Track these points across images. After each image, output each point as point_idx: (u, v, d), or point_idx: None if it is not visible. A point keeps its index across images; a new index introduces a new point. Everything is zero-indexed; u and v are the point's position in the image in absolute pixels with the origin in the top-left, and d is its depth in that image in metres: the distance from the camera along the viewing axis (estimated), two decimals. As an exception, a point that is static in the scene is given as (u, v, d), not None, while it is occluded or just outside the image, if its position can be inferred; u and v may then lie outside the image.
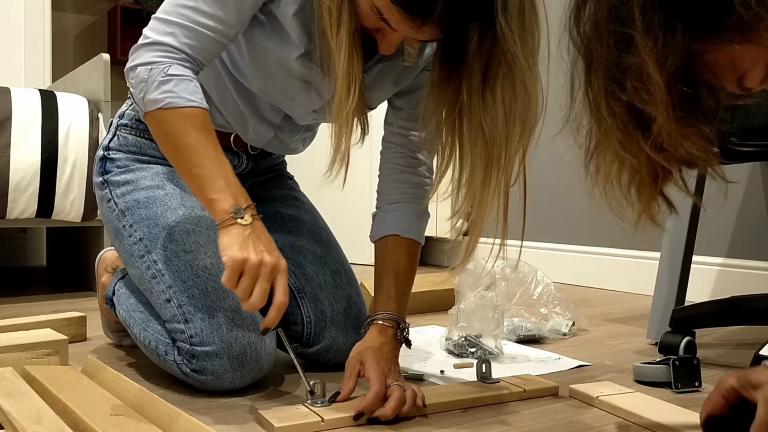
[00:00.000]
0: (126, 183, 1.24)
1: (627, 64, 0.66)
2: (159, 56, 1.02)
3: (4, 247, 2.91)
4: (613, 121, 0.70)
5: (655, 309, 1.53)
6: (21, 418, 0.85)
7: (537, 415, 1.03)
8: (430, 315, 1.86)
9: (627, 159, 0.72)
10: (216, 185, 1.01)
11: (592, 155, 0.76)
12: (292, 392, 1.12)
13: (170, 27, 1.03)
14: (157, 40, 1.03)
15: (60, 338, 1.21)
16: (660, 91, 0.65)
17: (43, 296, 2.18)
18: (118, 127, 1.29)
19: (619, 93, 0.68)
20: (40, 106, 2.08)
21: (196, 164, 1.02)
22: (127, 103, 1.32)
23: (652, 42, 0.64)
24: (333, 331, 1.24)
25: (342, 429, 0.95)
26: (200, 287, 1.11)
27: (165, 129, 1.03)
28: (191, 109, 1.02)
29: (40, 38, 2.91)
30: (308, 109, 1.20)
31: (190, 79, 1.03)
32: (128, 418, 0.88)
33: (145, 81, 1.02)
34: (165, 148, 1.06)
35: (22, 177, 1.98)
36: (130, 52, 1.07)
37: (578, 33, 0.71)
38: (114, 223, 1.23)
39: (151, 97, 1.02)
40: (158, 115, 1.02)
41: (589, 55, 0.70)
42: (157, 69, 1.02)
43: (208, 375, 1.08)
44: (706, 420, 0.81)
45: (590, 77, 0.71)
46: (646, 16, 0.63)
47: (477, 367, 1.15)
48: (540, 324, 1.58)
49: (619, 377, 1.23)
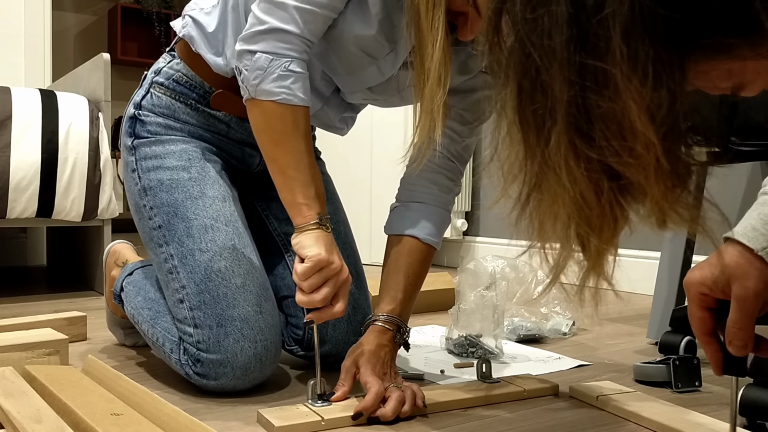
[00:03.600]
0: (153, 156, 1.20)
1: (599, 112, 0.47)
2: (283, 47, 1.01)
3: (4, 246, 2.91)
4: (574, 189, 0.50)
5: (655, 309, 1.53)
6: (21, 417, 0.85)
7: (537, 415, 1.03)
8: (430, 315, 1.86)
9: (579, 213, 0.52)
10: (308, 192, 1.04)
11: (526, 204, 0.55)
12: (292, 392, 1.12)
13: (286, 10, 1.01)
14: (279, 27, 1.01)
15: (60, 338, 1.21)
16: (652, 152, 0.47)
17: (43, 296, 2.17)
18: (153, 84, 1.24)
19: (587, 150, 0.48)
20: (40, 106, 2.08)
21: (294, 167, 1.04)
22: (165, 58, 1.25)
23: (639, 81, 0.45)
24: (334, 337, 1.23)
25: (342, 429, 0.95)
26: (212, 292, 1.10)
27: (272, 122, 1.03)
28: (302, 108, 1.03)
29: (40, 38, 2.91)
30: (364, 85, 1.17)
31: (306, 77, 1.04)
32: (128, 418, 0.88)
33: (263, 69, 1.01)
34: (263, 137, 1.05)
35: (23, 177, 1.98)
36: (241, 37, 1.03)
37: (520, 58, 0.49)
38: (135, 199, 1.21)
39: (267, 87, 1.01)
40: (269, 106, 1.02)
41: (543, 95, 0.49)
42: (278, 61, 1.01)
43: (211, 380, 1.09)
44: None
45: (544, 127, 0.50)
46: (630, 44, 0.45)
47: (477, 367, 1.15)
48: (540, 324, 1.58)
49: (619, 377, 1.23)
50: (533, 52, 0.48)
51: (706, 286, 0.71)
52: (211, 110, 1.23)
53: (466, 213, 2.93)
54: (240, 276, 1.12)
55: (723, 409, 1.05)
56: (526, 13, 0.48)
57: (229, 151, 1.27)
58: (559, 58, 0.47)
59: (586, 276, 0.56)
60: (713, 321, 0.73)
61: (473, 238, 2.94)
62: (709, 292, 0.71)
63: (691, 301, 0.73)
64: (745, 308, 0.69)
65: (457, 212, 2.88)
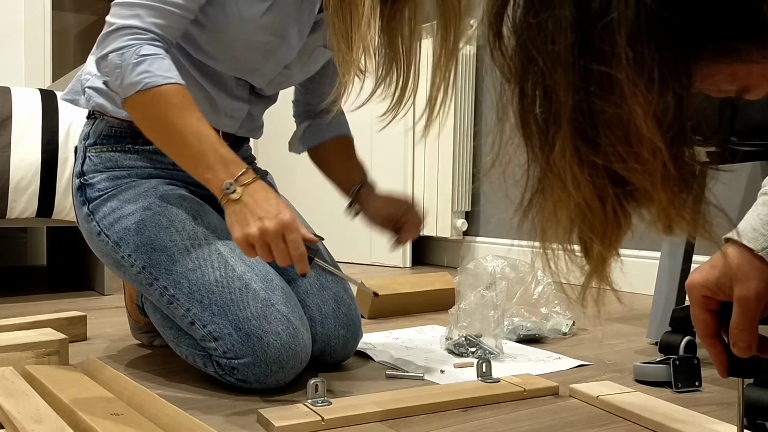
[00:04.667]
0: (111, 212, 1.20)
1: (604, 118, 0.46)
2: (128, 40, 1.02)
3: (4, 246, 2.91)
4: (578, 194, 0.49)
5: (655, 309, 1.53)
6: (21, 417, 0.85)
7: (537, 415, 1.03)
8: (430, 315, 1.86)
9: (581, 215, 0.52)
10: (205, 163, 1.03)
11: (528, 208, 0.54)
12: (292, 392, 1.12)
13: (133, 9, 1.04)
14: (123, 24, 1.03)
15: (60, 338, 1.21)
16: (659, 158, 0.46)
17: (43, 296, 2.17)
18: (86, 149, 1.25)
19: (592, 156, 0.48)
20: (40, 106, 2.08)
21: (182, 145, 1.04)
22: (87, 124, 1.28)
23: (645, 86, 0.44)
24: (323, 334, 1.23)
25: (342, 429, 0.95)
26: (218, 303, 1.10)
27: (147, 112, 1.04)
28: (170, 86, 1.03)
29: (40, 38, 2.91)
30: (281, 65, 1.23)
31: (163, 56, 1.04)
32: (128, 418, 0.88)
33: (119, 66, 1.02)
34: (149, 132, 1.07)
35: (23, 176, 1.98)
36: (96, 43, 1.05)
37: (523, 62, 0.49)
38: (112, 256, 1.20)
39: (129, 81, 1.02)
40: (138, 98, 1.03)
41: (547, 100, 0.48)
42: (128, 52, 1.02)
43: (253, 383, 1.09)
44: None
45: (548, 132, 0.49)
46: (636, 48, 0.44)
47: (477, 367, 1.15)
48: (540, 323, 1.58)
49: (619, 377, 1.23)
50: (537, 56, 0.47)
51: (708, 288, 0.71)
52: (150, 147, 1.24)
53: (466, 213, 2.93)
54: (239, 279, 1.12)
55: (723, 409, 1.05)
56: (529, 18, 0.47)
57: (183, 179, 1.26)
58: (563, 63, 0.46)
59: (588, 280, 0.55)
60: (716, 323, 0.72)
61: (473, 238, 2.94)
62: (711, 294, 0.71)
63: (693, 304, 0.73)
64: (747, 310, 0.68)
65: (457, 212, 2.88)
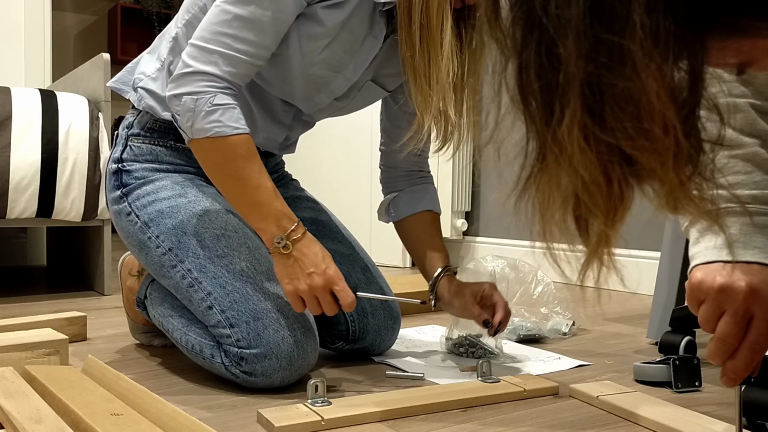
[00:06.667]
0: (146, 195, 1.22)
1: (614, 92, 0.44)
2: (204, 86, 1.06)
3: (4, 246, 2.91)
4: (583, 172, 0.47)
5: (655, 309, 1.53)
6: (21, 417, 0.85)
7: (537, 415, 1.03)
8: (430, 315, 1.86)
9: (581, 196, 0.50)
10: (259, 214, 1.08)
11: (525, 187, 0.51)
12: (292, 392, 1.12)
13: (212, 56, 1.07)
14: (201, 70, 1.06)
15: (60, 338, 1.21)
16: (672, 135, 0.44)
17: (43, 296, 2.17)
18: (129, 138, 1.28)
19: (599, 133, 0.45)
20: (40, 106, 2.08)
21: (241, 193, 1.09)
22: (131, 113, 1.30)
23: (660, 58, 0.42)
24: (375, 325, 1.31)
25: (342, 429, 0.95)
26: (240, 291, 1.12)
27: (212, 157, 1.09)
28: (237, 136, 1.06)
29: (40, 38, 2.91)
30: (332, 97, 1.25)
31: (233, 107, 1.07)
32: (128, 418, 0.88)
33: (192, 110, 1.06)
34: (210, 173, 1.11)
35: (23, 177, 1.98)
36: (171, 80, 1.09)
37: (527, 30, 0.46)
38: (138, 236, 1.21)
39: (199, 126, 1.06)
40: (205, 144, 1.07)
41: (554, 71, 0.45)
42: (203, 99, 1.05)
43: (258, 376, 1.10)
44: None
45: (552, 106, 0.46)
46: (652, 18, 0.41)
47: (477, 367, 1.15)
48: (540, 323, 1.58)
49: (619, 377, 1.24)
50: (546, 22, 0.44)
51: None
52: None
53: (466, 213, 2.93)
54: (263, 273, 1.15)
55: (723, 409, 1.05)
56: None
57: None
58: (575, 30, 0.43)
59: (588, 262, 0.53)
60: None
61: (473, 238, 2.94)
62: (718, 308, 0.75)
63: (710, 312, 0.76)
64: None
65: (457, 212, 2.88)
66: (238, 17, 1.06)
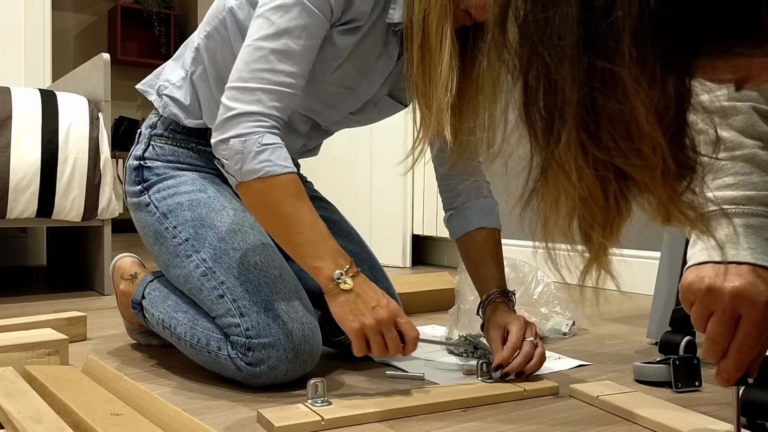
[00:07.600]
0: (167, 188, 1.25)
1: (607, 113, 0.47)
2: (251, 126, 1.05)
3: (4, 246, 2.91)
4: (581, 186, 0.51)
5: (655, 309, 1.53)
6: (21, 417, 0.85)
7: (537, 415, 1.03)
8: (430, 315, 1.86)
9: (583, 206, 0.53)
10: (315, 252, 1.06)
11: (530, 199, 0.55)
12: (292, 392, 1.12)
13: (254, 94, 1.06)
14: (246, 111, 1.06)
15: (60, 338, 1.21)
16: (659, 154, 0.48)
17: (43, 296, 2.17)
18: (152, 138, 1.30)
19: (595, 150, 0.49)
20: (40, 106, 2.08)
21: (294, 232, 1.07)
22: (155, 113, 1.33)
23: (647, 83, 0.45)
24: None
25: (342, 429, 0.95)
26: (253, 282, 1.14)
27: (262, 198, 1.07)
28: (287, 175, 1.06)
29: (40, 38, 2.91)
30: (346, 112, 1.26)
31: (281, 145, 1.07)
32: (128, 418, 0.88)
33: (240, 152, 1.05)
34: (260, 216, 1.10)
35: (23, 177, 1.98)
36: (214, 128, 1.08)
37: (529, 55, 0.50)
38: (154, 227, 1.24)
39: (248, 167, 1.05)
40: (255, 185, 1.06)
41: (552, 94, 0.49)
42: (251, 139, 1.04)
43: (264, 367, 1.10)
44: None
45: (552, 125, 0.50)
46: (639, 46, 0.45)
47: (477, 367, 1.15)
48: (540, 324, 1.58)
49: (619, 377, 1.24)
50: (543, 50, 0.48)
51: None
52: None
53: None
54: (276, 268, 1.16)
55: (723, 409, 1.05)
56: (537, 13, 0.48)
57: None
58: (569, 58, 0.47)
59: (588, 268, 0.57)
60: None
61: (473, 238, 2.94)
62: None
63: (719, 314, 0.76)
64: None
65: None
66: (273, 51, 1.06)
